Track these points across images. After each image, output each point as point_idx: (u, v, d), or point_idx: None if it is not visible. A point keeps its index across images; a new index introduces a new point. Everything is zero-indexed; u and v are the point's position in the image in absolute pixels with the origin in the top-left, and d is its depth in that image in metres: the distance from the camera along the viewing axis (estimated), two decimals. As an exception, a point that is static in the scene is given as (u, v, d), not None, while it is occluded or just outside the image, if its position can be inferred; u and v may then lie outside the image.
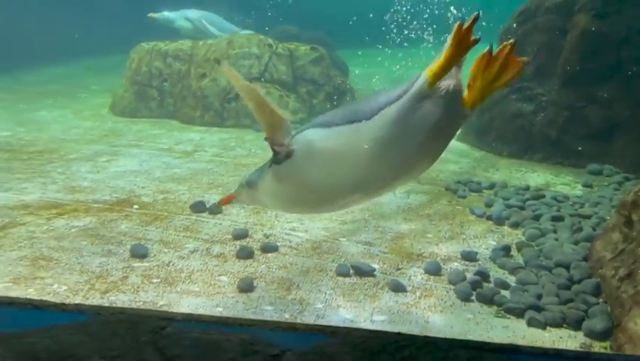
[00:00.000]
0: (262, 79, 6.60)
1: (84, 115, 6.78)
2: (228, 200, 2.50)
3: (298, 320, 2.49)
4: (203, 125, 6.38)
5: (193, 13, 7.53)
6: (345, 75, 8.27)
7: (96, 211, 3.69)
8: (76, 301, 2.54)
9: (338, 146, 1.93)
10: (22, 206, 3.70)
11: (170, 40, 7.04)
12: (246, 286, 2.74)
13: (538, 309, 2.55)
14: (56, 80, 9.07)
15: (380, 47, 14.28)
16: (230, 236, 3.36)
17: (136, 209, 3.75)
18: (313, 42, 8.85)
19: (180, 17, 7.52)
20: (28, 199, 3.84)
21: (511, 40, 1.88)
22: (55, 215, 3.59)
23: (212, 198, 3.97)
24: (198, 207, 3.77)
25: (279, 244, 3.27)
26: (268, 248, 3.20)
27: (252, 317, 2.51)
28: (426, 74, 1.87)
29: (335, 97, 6.99)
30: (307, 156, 2.01)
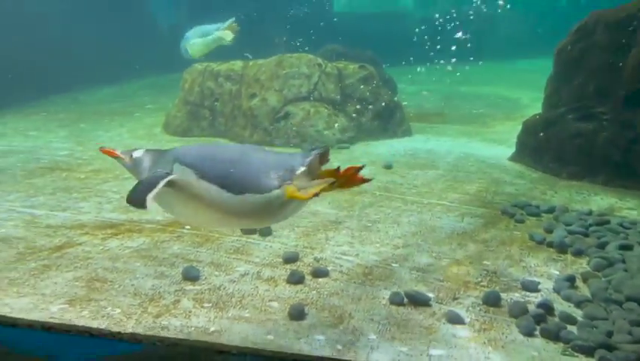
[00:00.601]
0: (311, 97, 6.61)
1: (138, 134, 6.97)
2: (110, 153, 2.52)
3: (351, 352, 2.41)
4: (252, 143, 6.43)
5: (190, 34, 7.62)
6: (395, 93, 8.18)
7: (149, 232, 3.74)
8: (130, 325, 2.55)
9: (202, 198, 2.29)
10: (79, 226, 3.79)
11: (222, 60, 7.17)
12: (297, 314, 2.68)
13: (609, 348, 2.37)
14: (113, 100, 9.38)
15: (429, 64, 14.12)
16: (280, 259, 3.32)
17: (187, 230, 3.78)
18: (361, 60, 8.83)
19: (185, 43, 7.66)
20: (85, 219, 3.93)
21: (359, 165, 2.36)
22: (110, 235, 3.65)
23: (262, 219, 3.96)
24: (249, 229, 3.76)
25: (329, 268, 3.20)
26: (319, 273, 3.14)
27: (303, 346, 2.45)
28: (287, 191, 2.20)
29: (384, 115, 6.92)
30: (178, 191, 2.30)
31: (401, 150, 6.21)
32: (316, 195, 2.16)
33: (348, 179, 2.32)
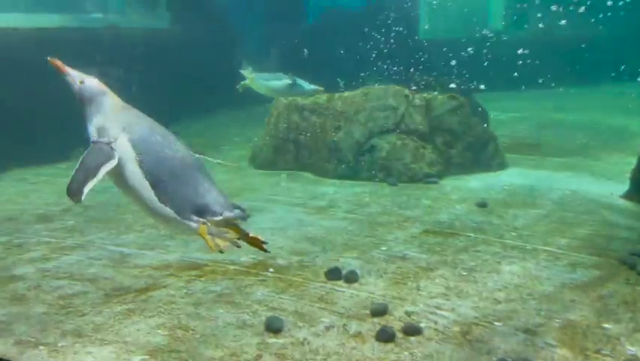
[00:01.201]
0: (397, 130, 6.37)
1: (224, 168, 7.03)
2: (59, 67, 2.50)
3: None
4: (336, 177, 6.27)
5: (282, 76, 7.70)
6: (486, 122, 7.74)
7: (233, 274, 3.64)
8: (210, 385, 2.41)
9: (126, 179, 2.47)
10: (165, 266, 3.77)
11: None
12: (389, 380, 2.42)
13: None
14: (204, 132, 9.66)
15: (523, 87, 13.41)
16: (367, 311, 3.08)
17: (271, 273, 3.64)
18: (449, 89, 8.47)
19: (273, 79, 7.73)
20: (171, 259, 3.91)
21: (263, 241, 2.59)
22: (194, 277, 3.59)
23: (347, 262, 3.75)
24: (334, 275, 3.55)
25: (422, 324, 2.91)
26: (411, 330, 2.85)
27: (396, 422, 2.18)
28: (200, 229, 2.46)
29: (476, 147, 6.52)
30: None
31: (496, 185, 5.78)
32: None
33: (251, 242, 2.60)
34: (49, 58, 2.49)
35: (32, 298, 3.26)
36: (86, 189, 2.37)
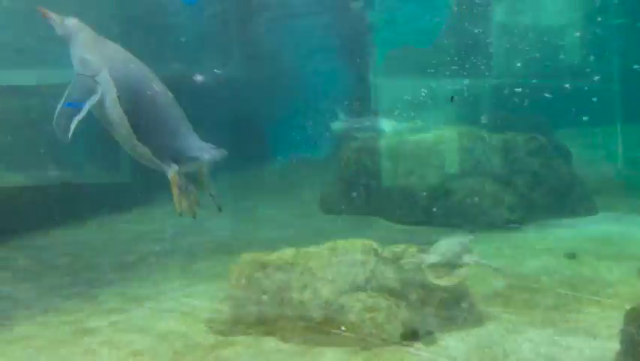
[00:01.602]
0: (368, 287, 5.98)
1: (296, 212, 6.98)
2: (44, 13, 2.69)
3: None
4: (409, 223, 6.08)
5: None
6: (570, 162, 7.26)
7: (302, 331, 3.49)
8: None
9: (106, 114, 2.61)
10: (235, 320, 3.69)
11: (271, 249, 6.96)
12: None
13: None
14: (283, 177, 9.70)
15: (604, 125, 12.60)
16: (447, 383, 2.81)
17: (343, 331, 3.45)
18: (530, 126, 8.07)
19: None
20: (242, 312, 3.82)
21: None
22: (264, 333, 3.47)
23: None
24: (411, 336, 3.32)
25: (511, 400, 2.60)
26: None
27: None
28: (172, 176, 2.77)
29: (560, 190, 6.10)
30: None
31: (585, 232, 5.32)
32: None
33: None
34: (38, 7, 2.78)
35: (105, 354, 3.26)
36: (73, 125, 2.45)
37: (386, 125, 7.30)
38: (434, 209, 5.95)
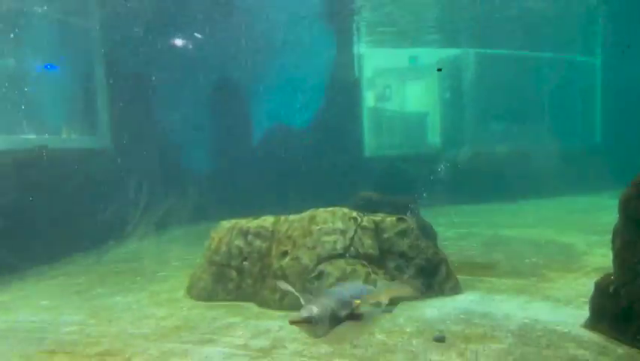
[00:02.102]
0: (347, 255, 6.01)
1: (159, 299, 6.38)
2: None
3: None
4: (282, 309, 5.72)
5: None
6: (435, 242, 7.54)
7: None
8: None
9: None
10: None
11: (253, 216, 6.76)
12: None
13: None
14: (138, 256, 9.00)
15: (465, 204, 13.57)
16: None
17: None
18: (397, 206, 8.35)
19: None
20: None
21: None
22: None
23: None
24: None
25: None
26: None
27: None
28: None
29: (427, 270, 6.22)
30: None
31: (451, 313, 5.41)
32: None
33: None
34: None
35: None
36: None
37: None
38: (309, 292, 5.73)
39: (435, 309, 5.58)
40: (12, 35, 8.68)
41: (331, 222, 6.22)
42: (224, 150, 12.81)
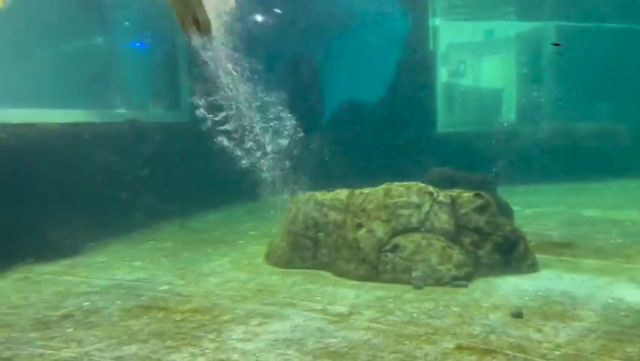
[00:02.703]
0: (422, 229, 6.06)
1: (240, 265, 6.72)
2: None
3: None
4: (357, 278, 5.87)
5: None
6: (512, 219, 7.41)
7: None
8: None
9: None
10: (168, 387, 3.36)
11: (327, 190, 6.92)
12: None
13: None
14: (218, 226, 9.44)
15: (543, 183, 13.10)
16: None
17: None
18: (472, 183, 8.24)
19: None
20: (175, 377, 3.50)
21: None
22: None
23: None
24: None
25: None
26: None
27: None
28: None
29: (505, 247, 6.14)
30: None
31: (530, 290, 5.35)
32: None
33: None
34: None
35: None
36: None
37: None
38: (383, 263, 5.85)
39: (512, 286, 5.53)
40: (105, 15, 9.23)
41: (406, 197, 6.26)
42: (296, 125, 13.01)
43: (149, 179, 8.89)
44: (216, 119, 10.69)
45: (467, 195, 6.35)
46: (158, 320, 4.62)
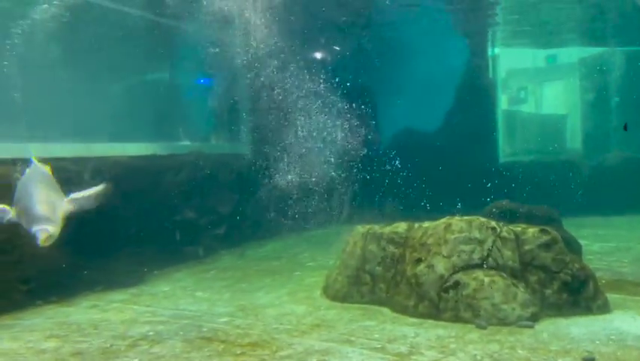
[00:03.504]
0: (485, 265, 5.89)
1: (298, 297, 6.73)
2: None
3: None
4: (416, 316, 5.75)
5: None
6: (580, 255, 7.07)
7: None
8: None
9: None
10: None
11: (385, 222, 6.88)
12: None
13: None
14: (276, 256, 9.55)
15: (612, 214, 12.40)
16: None
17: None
18: (535, 218, 7.97)
19: None
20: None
21: None
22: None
23: None
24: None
25: None
26: None
27: None
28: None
29: (573, 286, 5.86)
30: None
31: (600, 333, 5.06)
32: None
33: None
34: None
35: None
36: None
37: None
38: (444, 301, 5.70)
39: (582, 328, 5.26)
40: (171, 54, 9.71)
41: (467, 232, 6.12)
42: (351, 154, 13.07)
43: (211, 211, 9.16)
44: (273, 152, 10.97)
45: (532, 230, 6.13)
46: (219, 354, 4.69)
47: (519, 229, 6.17)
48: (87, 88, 8.60)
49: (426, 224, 6.55)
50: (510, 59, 18.93)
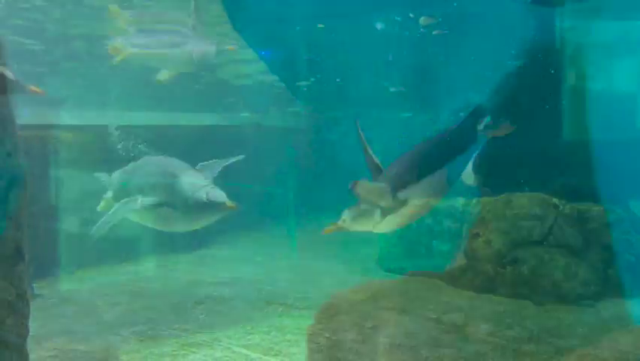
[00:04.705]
0: (544, 242, 5.79)
1: (353, 267, 6.86)
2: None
3: None
4: (472, 289, 5.75)
5: None
6: (647, 237, 6.80)
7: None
8: None
9: None
10: (289, 379, 3.58)
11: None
12: None
13: None
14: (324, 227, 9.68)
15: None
16: None
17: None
18: (601, 198, 7.68)
19: None
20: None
21: None
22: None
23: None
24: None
25: None
26: None
27: None
28: None
29: (637, 267, 5.69)
30: None
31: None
32: None
33: None
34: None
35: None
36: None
37: None
38: (501, 276, 5.68)
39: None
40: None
41: (528, 208, 6.01)
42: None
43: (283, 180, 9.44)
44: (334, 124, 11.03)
45: (597, 208, 5.95)
46: (279, 315, 4.90)
47: (583, 207, 6.00)
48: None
49: (484, 199, 6.47)
50: (581, 32, 17.96)
